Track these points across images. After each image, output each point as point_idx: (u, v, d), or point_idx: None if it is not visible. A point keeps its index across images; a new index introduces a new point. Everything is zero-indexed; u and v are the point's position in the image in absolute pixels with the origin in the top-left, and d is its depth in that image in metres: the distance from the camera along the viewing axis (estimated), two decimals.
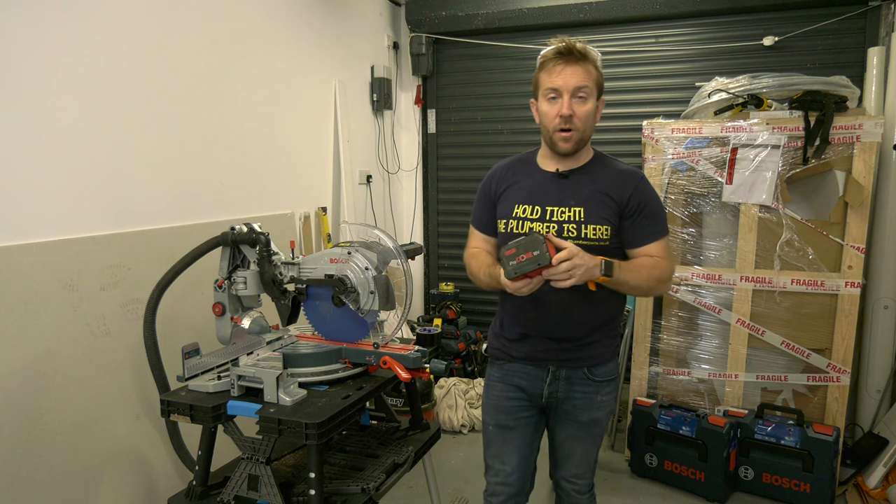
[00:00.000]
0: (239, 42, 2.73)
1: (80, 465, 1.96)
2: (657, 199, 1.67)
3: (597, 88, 1.60)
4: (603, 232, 1.61)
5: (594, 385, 1.71)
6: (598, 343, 1.70)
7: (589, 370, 1.71)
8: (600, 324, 1.70)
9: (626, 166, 1.71)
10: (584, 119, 1.59)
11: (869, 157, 2.67)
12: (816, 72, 3.06)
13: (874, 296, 3.15)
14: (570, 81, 1.56)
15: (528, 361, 1.74)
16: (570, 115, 1.57)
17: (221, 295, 1.77)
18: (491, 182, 1.79)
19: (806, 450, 2.69)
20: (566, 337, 1.68)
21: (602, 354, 1.71)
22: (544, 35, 4.04)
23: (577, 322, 1.67)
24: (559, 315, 1.66)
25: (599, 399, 1.73)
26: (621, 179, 1.64)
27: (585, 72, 1.56)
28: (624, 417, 3.28)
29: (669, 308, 3.08)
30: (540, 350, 1.71)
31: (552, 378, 1.72)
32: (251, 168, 2.83)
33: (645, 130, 3.01)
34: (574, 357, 1.70)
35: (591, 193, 1.63)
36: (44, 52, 1.88)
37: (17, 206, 1.82)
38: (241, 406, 1.60)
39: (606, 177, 1.66)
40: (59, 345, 1.91)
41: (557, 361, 1.71)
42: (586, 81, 1.56)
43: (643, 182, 1.66)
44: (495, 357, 1.83)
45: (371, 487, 1.67)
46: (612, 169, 1.68)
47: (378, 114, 4.09)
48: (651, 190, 1.66)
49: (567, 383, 1.72)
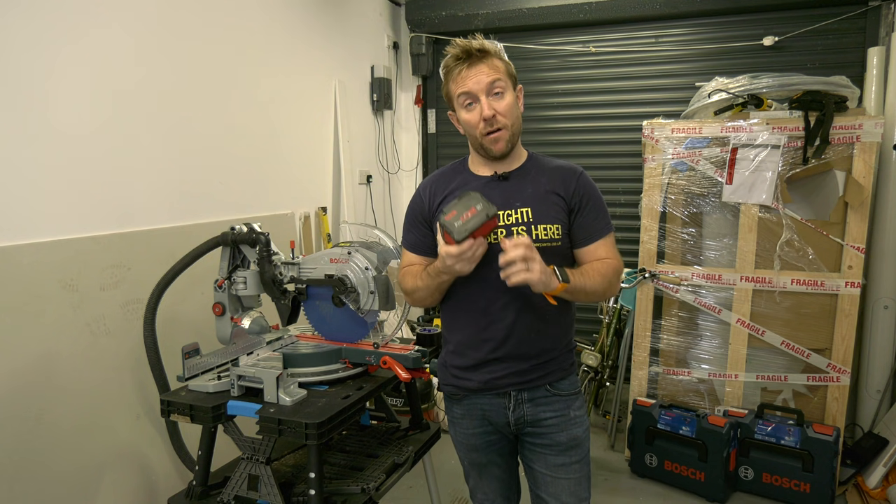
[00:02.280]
0: (239, 42, 2.73)
1: (80, 465, 1.96)
2: (599, 194, 1.58)
3: (510, 79, 1.50)
4: (554, 231, 1.50)
5: (562, 400, 1.57)
6: (556, 359, 1.57)
7: (552, 385, 1.56)
8: (555, 337, 1.56)
9: (563, 162, 1.60)
10: (507, 114, 1.49)
11: (869, 157, 2.67)
12: (816, 72, 3.06)
13: (874, 296, 3.15)
14: (482, 80, 1.46)
15: (485, 392, 1.57)
16: (493, 115, 1.48)
17: (221, 295, 1.77)
18: (422, 199, 1.62)
19: (806, 450, 2.69)
20: (522, 355, 1.53)
21: (562, 368, 1.58)
22: (544, 35, 4.07)
23: (532, 338, 1.53)
24: (511, 331, 1.52)
25: (573, 414, 1.58)
26: (563, 174, 1.55)
27: (491, 67, 1.47)
28: (624, 417, 3.28)
29: (669, 308, 3.08)
30: (496, 376, 1.54)
31: (515, 403, 1.56)
32: (251, 168, 2.83)
33: (645, 130, 3.01)
34: (533, 377, 1.55)
35: (536, 192, 1.53)
36: (44, 52, 1.88)
37: (17, 206, 1.82)
38: (241, 406, 1.60)
39: (548, 173, 1.56)
40: (59, 345, 1.91)
41: (517, 385, 1.55)
42: (497, 75, 1.47)
43: (584, 176, 1.57)
44: (450, 395, 1.66)
45: (371, 487, 1.67)
46: (550, 165, 1.59)
47: (378, 114, 4.09)
48: (592, 184, 1.57)
49: (532, 405, 1.56)
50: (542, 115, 4.17)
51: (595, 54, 3.95)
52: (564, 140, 4.14)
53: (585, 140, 4.07)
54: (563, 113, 4.12)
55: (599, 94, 4.01)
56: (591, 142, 4.06)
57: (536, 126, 4.19)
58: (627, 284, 3.14)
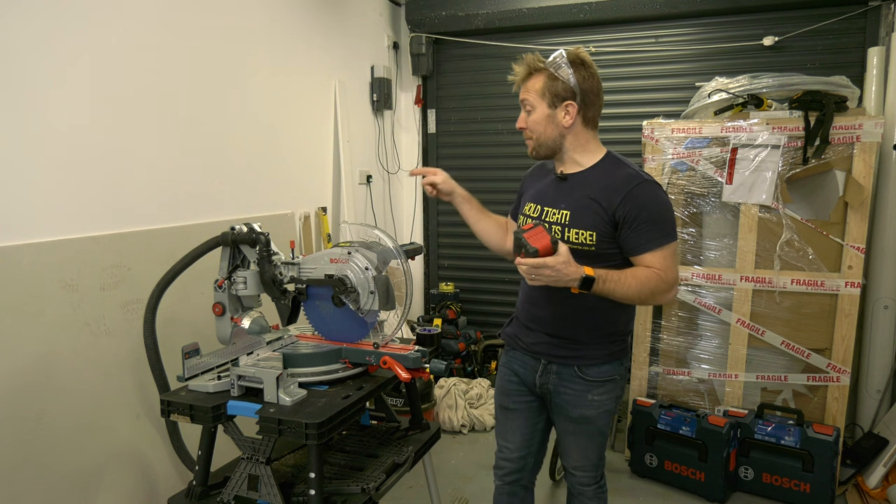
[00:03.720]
0: (238, 42, 2.73)
1: (80, 465, 1.96)
2: (657, 206, 1.61)
3: (544, 96, 1.67)
4: (586, 237, 1.63)
5: (585, 384, 1.74)
6: (590, 345, 1.73)
7: (580, 368, 1.74)
8: (591, 327, 1.72)
9: (629, 171, 1.66)
10: (533, 127, 1.71)
11: (869, 157, 2.67)
12: (816, 72, 3.06)
13: (874, 296, 3.15)
14: (521, 97, 1.73)
15: (525, 351, 1.84)
16: (523, 128, 1.75)
17: (221, 295, 1.77)
18: (522, 182, 1.96)
19: (806, 450, 2.69)
20: (556, 334, 1.75)
21: (594, 356, 1.73)
22: (544, 35, 4.07)
23: (567, 322, 1.73)
24: (550, 312, 1.75)
25: (590, 398, 1.75)
26: (615, 186, 1.63)
27: (526, 87, 1.71)
28: (624, 417, 3.28)
29: (669, 308, 3.08)
30: (535, 342, 1.80)
31: (543, 370, 1.80)
32: (251, 168, 2.83)
33: (645, 130, 3.01)
34: (563, 354, 1.75)
35: (581, 198, 1.66)
36: (44, 51, 1.88)
37: (17, 206, 1.82)
38: (241, 406, 1.60)
39: (602, 182, 1.66)
40: (59, 345, 1.91)
41: (549, 356, 1.78)
42: (526, 95, 1.70)
43: (639, 188, 1.61)
44: (505, 343, 1.96)
45: (371, 487, 1.67)
46: (612, 174, 1.67)
47: (378, 114, 4.09)
48: (650, 196, 1.61)
49: (558, 377, 1.78)
50: None
51: (595, 54, 3.94)
52: None
53: None
54: None
55: None
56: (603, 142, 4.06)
57: None
58: None
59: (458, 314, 4.20)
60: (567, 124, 1.68)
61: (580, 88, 1.65)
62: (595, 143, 1.75)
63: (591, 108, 1.69)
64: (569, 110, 1.67)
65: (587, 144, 1.73)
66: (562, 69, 1.65)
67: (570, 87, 1.65)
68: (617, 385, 1.79)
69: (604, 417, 1.79)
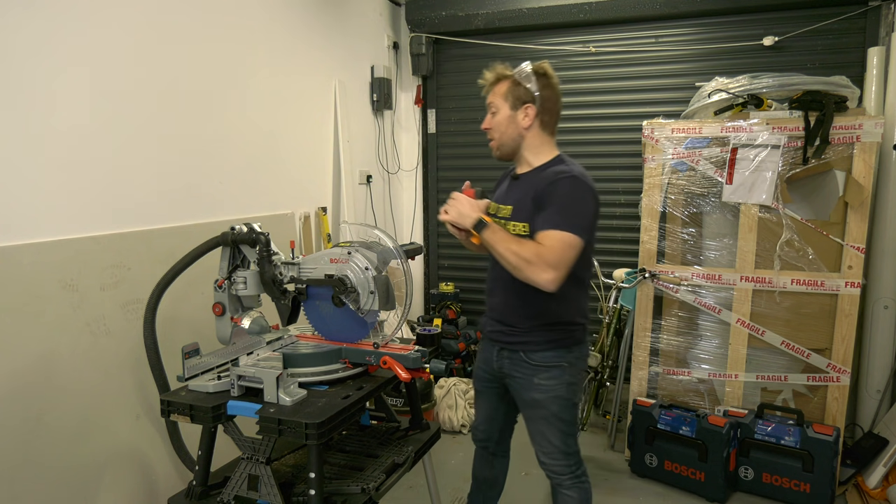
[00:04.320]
0: (238, 42, 2.73)
1: (80, 466, 1.96)
2: (568, 198, 1.75)
3: (507, 99, 1.87)
4: (521, 228, 1.83)
5: (531, 368, 1.90)
6: (531, 332, 1.90)
7: (525, 354, 1.91)
8: (530, 315, 1.89)
9: (563, 167, 1.84)
10: (496, 127, 1.91)
11: (869, 157, 2.67)
12: (816, 72, 3.06)
13: (874, 296, 3.15)
14: (488, 101, 1.94)
15: (486, 339, 2.05)
16: (487, 128, 1.94)
17: (221, 295, 1.77)
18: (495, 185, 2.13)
19: (806, 450, 2.69)
20: (504, 321, 1.94)
21: (537, 342, 1.89)
22: (544, 35, 4.07)
23: (511, 310, 1.92)
24: (500, 300, 1.95)
25: (536, 382, 1.90)
26: (543, 181, 1.81)
27: (493, 92, 1.92)
28: (624, 417, 3.28)
29: (669, 308, 3.08)
30: (491, 330, 2.00)
31: (498, 356, 1.98)
32: (251, 168, 2.83)
33: (645, 130, 3.01)
34: (510, 340, 1.93)
35: (523, 194, 1.86)
36: (44, 52, 1.88)
37: (17, 206, 1.82)
38: (241, 406, 1.60)
39: (538, 179, 1.84)
40: (59, 345, 1.91)
41: (500, 343, 1.97)
42: (493, 99, 1.91)
43: (557, 183, 1.77)
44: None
45: (371, 487, 1.67)
46: (545, 172, 1.85)
47: (378, 114, 4.09)
48: (567, 189, 1.76)
49: (510, 363, 1.95)
50: None
51: (595, 54, 3.95)
52: (564, 140, 4.11)
53: (585, 140, 4.07)
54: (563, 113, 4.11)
55: (599, 94, 4.01)
56: (591, 142, 4.06)
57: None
58: (627, 284, 3.14)
59: (458, 314, 4.20)
60: (525, 125, 1.88)
61: (540, 94, 1.86)
62: (549, 147, 1.92)
63: (548, 114, 1.89)
64: (528, 112, 1.87)
65: (541, 147, 1.91)
66: (525, 77, 1.86)
67: (531, 93, 1.86)
68: (565, 372, 1.90)
69: (556, 403, 1.90)
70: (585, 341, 1.98)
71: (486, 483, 2.26)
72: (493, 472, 2.23)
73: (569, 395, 1.92)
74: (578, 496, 1.98)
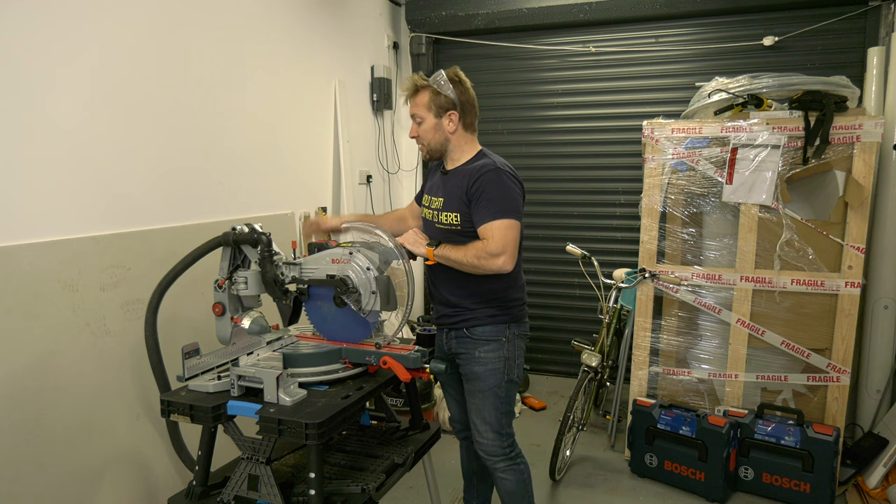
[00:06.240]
0: (239, 42, 2.73)
1: (80, 466, 1.96)
2: (496, 189, 1.91)
3: (430, 109, 2.02)
4: (453, 218, 1.99)
5: (472, 342, 2.04)
6: (473, 310, 2.03)
7: (468, 329, 2.04)
8: (471, 294, 2.02)
9: (485, 161, 1.99)
10: (424, 136, 2.06)
11: (869, 157, 2.67)
12: (816, 72, 3.07)
13: (874, 296, 3.15)
14: (411, 112, 2.09)
15: (438, 329, 2.14)
16: (415, 137, 2.09)
17: (221, 295, 1.77)
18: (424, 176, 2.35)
19: (806, 450, 2.69)
20: (446, 303, 2.08)
21: (478, 318, 2.02)
22: (544, 35, 4.07)
23: (453, 292, 2.05)
24: (442, 286, 2.08)
25: (477, 354, 2.03)
26: (470, 174, 1.96)
27: (415, 103, 2.06)
28: (624, 417, 3.28)
29: (669, 308, 3.08)
30: (438, 316, 2.13)
31: (447, 336, 2.10)
32: (251, 168, 2.83)
33: (645, 130, 3.01)
34: (455, 320, 2.06)
35: (453, 187, 2.01)
36: (43, 51, 1.88)
37: (17, 206, 1.82)
38: (241, 406, 1.60)
39: (465, 173, 1.99)
40: (59, 345, 1.91)
41: (447, 324, 2.09)
42: (416, 110, 2.06)
43: (485, 176, 1.92)
44: None
45: (371, 487, 1.67)
46: (470, 167, 2.00)
47: (378, 114, 4.09)
48: (493, 181, 1.92)
49: (456, 342, 2.08)
50: (542, 115, 4.17)
51: (595, 54, 3.95)
52: (564, 140, 4.14)
53: (585, 140, 4.08)
54: (563, 113, 4.12)
55: (599, 94, 4.01)
56: (591, 142, 4.06)
57: (536, 126, 4.19)
58: (627, 284, 3.14)
59: None
60: (451, 130, 2.03)
61: (459, 100, 2.00)
62: (472, 144, 2.08)
63: (469, 115, 2.04)
64: (452, 118, 2.02)
65: (466, 145, 2.06)
66: (442, 86, 1.99)
67: (451, 100, 2.00)
68: (503, 346, 2.03)
69: (494, 376, 2.02)
70: (525, 319, 2.12)
71: (476, 476, 2.35)
72: (479, 462, 2.26)
73: (506, 370, 2.03)
74: (514, 478, 2.07)
